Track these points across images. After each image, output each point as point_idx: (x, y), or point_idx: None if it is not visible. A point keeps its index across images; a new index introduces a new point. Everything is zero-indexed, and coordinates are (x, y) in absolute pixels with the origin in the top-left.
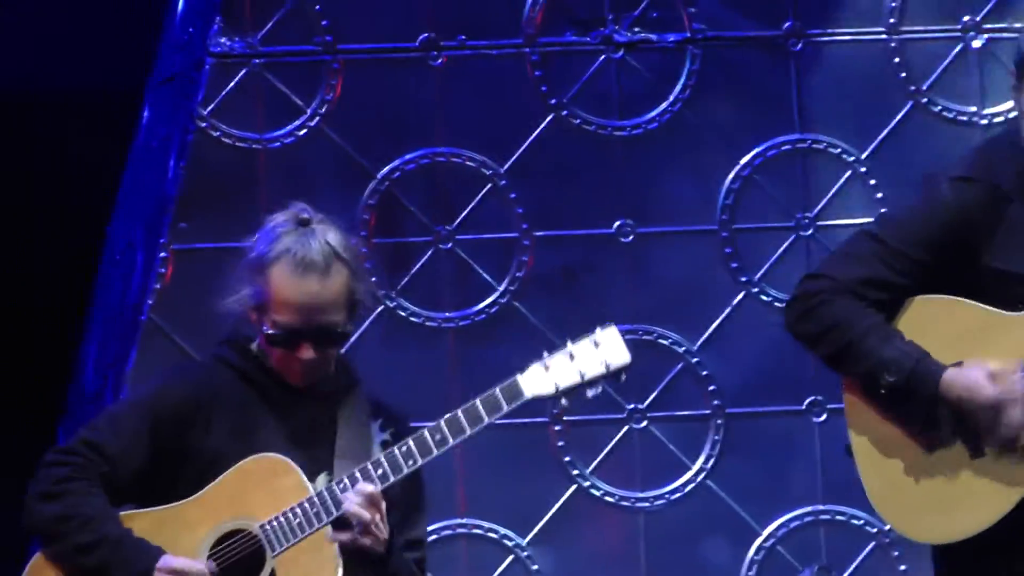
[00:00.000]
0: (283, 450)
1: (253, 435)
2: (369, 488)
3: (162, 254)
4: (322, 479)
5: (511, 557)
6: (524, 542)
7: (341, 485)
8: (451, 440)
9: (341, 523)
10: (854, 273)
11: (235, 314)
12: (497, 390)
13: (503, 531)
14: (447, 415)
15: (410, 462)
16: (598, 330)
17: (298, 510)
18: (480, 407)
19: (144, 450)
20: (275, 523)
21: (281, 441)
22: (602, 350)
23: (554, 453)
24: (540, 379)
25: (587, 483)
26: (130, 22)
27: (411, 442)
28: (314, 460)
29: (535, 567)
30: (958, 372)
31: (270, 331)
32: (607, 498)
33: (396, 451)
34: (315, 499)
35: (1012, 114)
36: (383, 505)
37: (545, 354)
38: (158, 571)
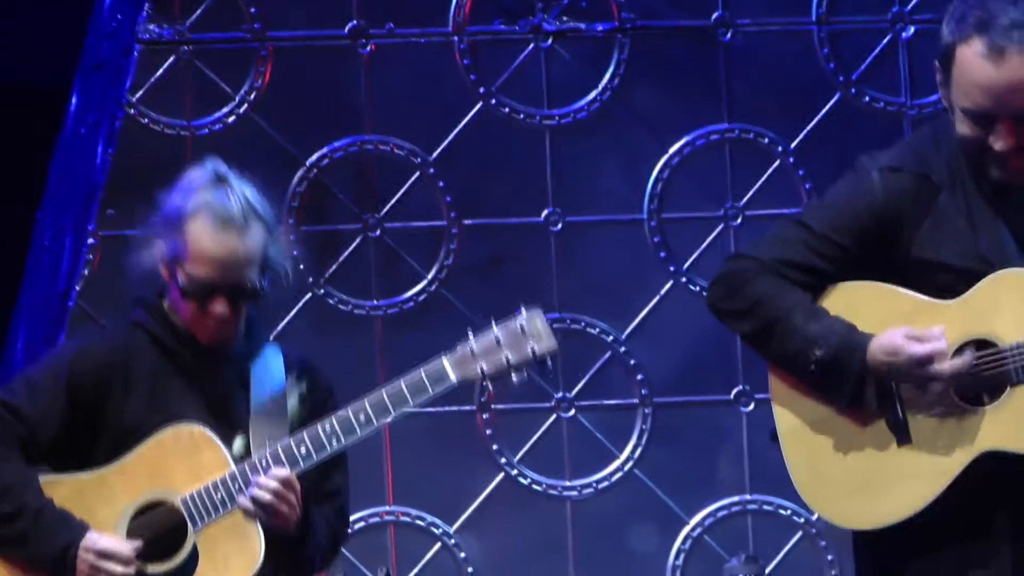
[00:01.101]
0: (200, 416)
1: (169, 401)
2: (281, 474)
3: (90, 240)
4: (239, 442)
5: (438, 545)
6: (452, 530)
7: (263, 461)
8: (376, 422)
9: None
10: (780, 254)
11: (146, 269)
12: (422, 372)
13: (431, 519)
14: (371, 395)
15: (334, 441)
16: (524, 314)
17: (219, 485)
18: (405, 389)
19: (61, 414)
20: (197, 497)
21: (198, 407)
22: (528, 334)
23: (482, 441)
24: (466, 363)
25: (515, 471)
26: (58, 9)
27: (334, 420)
28: (229, 424)
29: (462, 555)
30: (881, 336)
31: (184, 284)
32: (535, 486)
33: (319, 429)
34: (236, 475)
35: (941, 106)
36: (297, 487)
37: (470, 335)
38: (83, 550)
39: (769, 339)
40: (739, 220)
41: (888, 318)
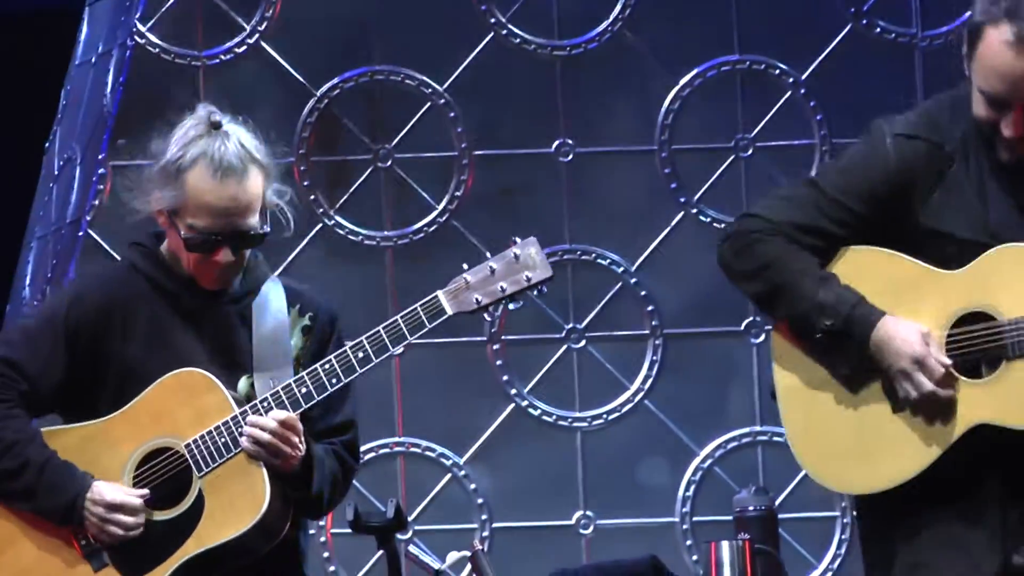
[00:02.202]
0: (201, 359)
1: (171, 345)
2: (280, 415)
3: (100, 170)
4: (243, 383)
5: (448, 476)
6: (461, 461)
7: (265, 404)
8: (374, 358)
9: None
10: (790, 216)
11: (143, 215)
12: (418, 307)
13: (440, 450)
14: (369, 332)
15: (333, 380)
16: (518, 243)
17: (223, 429)
18: (402, 324)
19: (62, 363)
20: (200, 442)
21: (198, 349)
22: (523, 263)
23: (492, 372)
24: (461, 295)
25: (525, 403)
26: None
27: (334, 359)
28: (233, 365)
29: (472, 486)
30: (895, 321)
31: (187, 235)
32: (545, 418)
33: (319, 369)
34: (239, 418)
35: (950, 38)
36: (299, 427)
37: (465, 268)
38: (90, 502)
39: (777, 302)
40: (750, 151)
41: (891, 284)
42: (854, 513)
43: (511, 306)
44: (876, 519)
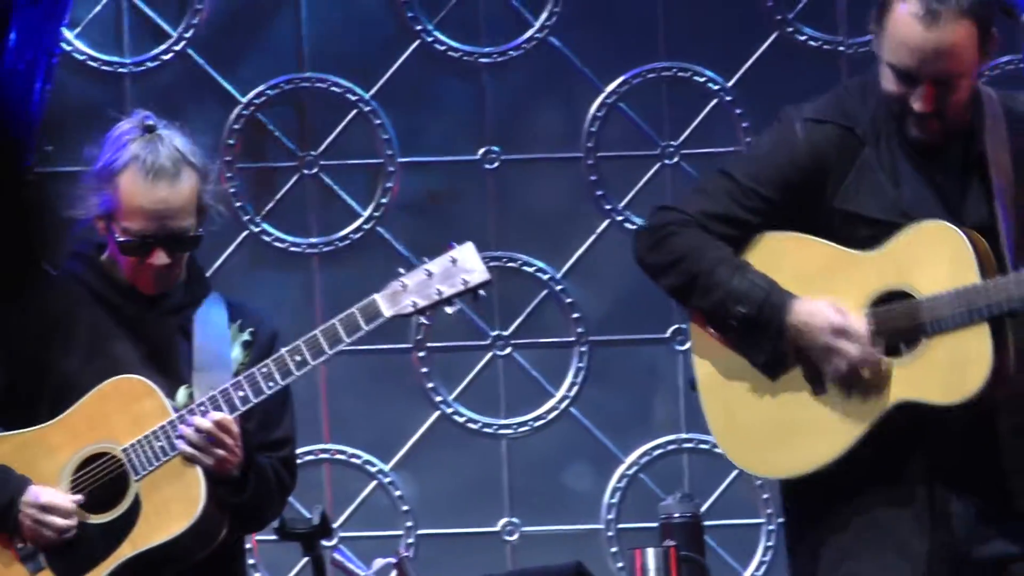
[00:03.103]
0: (140, 368)
1: (110, 354)
2: (215, 416)
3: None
4: (182, 393)
5: (374, 483)
6: (387, 468)
7: (202, 408)
8: (311, 361)
9: None
10: (704, 207)
11: (82, 223)
12: (355, 310)
13: (366, 457)
14: (306, 336)
15: (270, 383)
16: (455, 247)
17: (160, 433)
18: (339, 327)
19: (1, 370)
20: (137, 447)
21: (138, 360)
22: (460, 267)
23: (417, 379)
24: (398, 298)
25: (450, 410)
26: None
27: (271, 363)
28: (173, 375)
29: (398, 493)
30: (808, 303)
31: (121, 239)
32: (470, 425)
33: (256, 372)
34: (176, 422)
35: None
36: (235, 429)
37: (402, 272)
38: (24, 504)
39: (692, 293)
40: (676, 159)
41: (808, 268)
42: (782, 516)
43: (448, 310)
44: (802, 510)
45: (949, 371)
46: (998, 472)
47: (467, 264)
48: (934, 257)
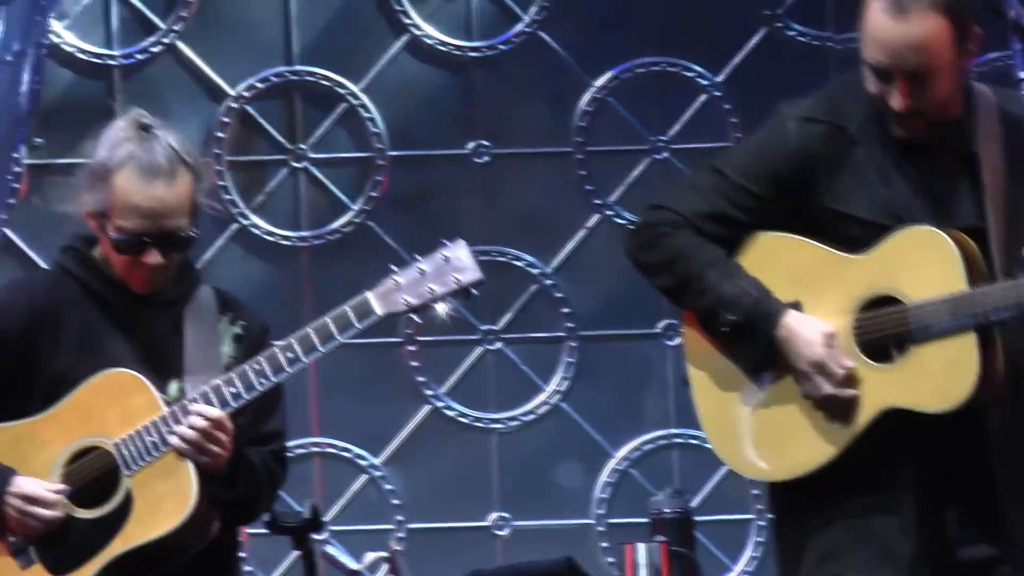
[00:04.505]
0: (131, 364)
1: (101, 350)
2: (208, 412)
3: (16, 169)
4: (174, 387)
5: (364, 477)
6: (378, 462)
7: (193, 403)
8: (303, 358)
9: None
10: (696, 206)
11: (74, 219)
12: (347, 308)
13: (356, 450)
14: (298, 332)
15: (262, 380)
16: (448, 246)
17: (152, 428)
18: (331, 325)
19: None
20: (129, 441)
21: (129, 354)
22: (452, 265)
23: (408, 373)
24: (390, 296)
25: (441, 404)
26: None
27: (263, 360)
28: (165, 370)
29: (388, 487)
30: (799, 319)
31: (115, 236)
32: (461, 419)
33: (248, 368)
34: (167, 417)
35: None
36: (229, 426)
37: (395, 270)
38: (9, 494)
39: (684, 296)
40: (666, 153)
41: (799, 270)
42: (769, 515)
43: (440, 309)
44: (790, 511)
45: (937, 378)
46: (985, 475)
47: (459, 262)
48: (922, 263)
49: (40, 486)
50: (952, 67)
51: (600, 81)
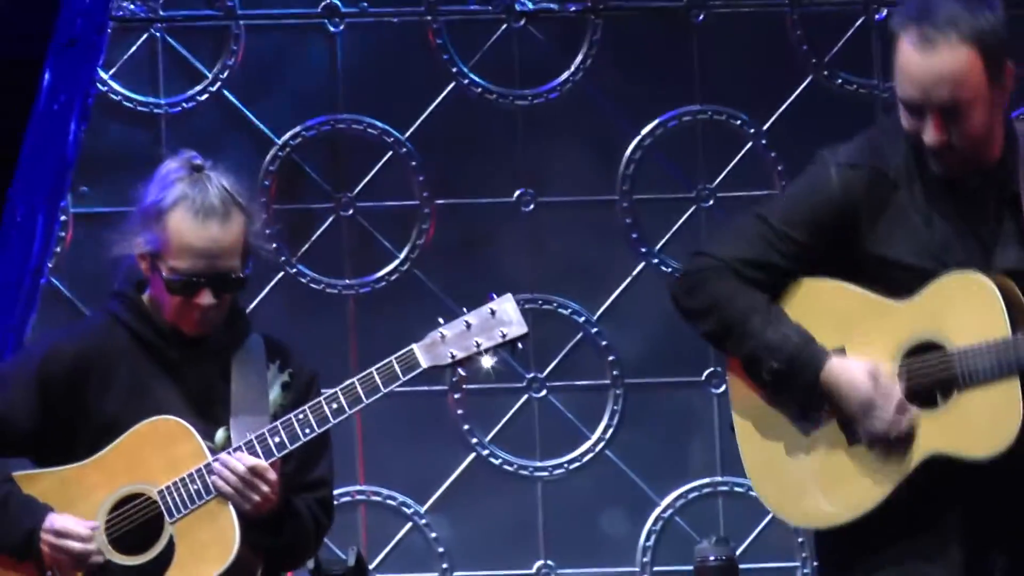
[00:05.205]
0: (179, 411)
1: (148, 396)
2: (249, 460)
3: (62, 217)
4: (220, 435)
5: (409, 524)
6: (423, 510)
7: (238, 452)
8: (348, 409)
9: None
10: (738, 252)
11: (125, 263)
12: (393, 360)
13: (401, 498)
14: (344, 384)
15: (307, 430)
16: (495, 299)
17: (196, 476)
18: (376, 377)
19: (34, 410)
20: (173, 489)
21: (177, 401)
22: (498, 319)
23: (453, 421)
24: (436, 349)
25: (486, 451)
26: None
27: (308, 410)
28: (211, 418)
29: (433, 535)
30: (841, 363)
31: (168, 277)
32: (506, 467)
33: (293, 419)
34: (212, 465)
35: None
36: (271, 476)
37: (441, 323)
38: (44, 531)
39: (728, 341)
40: (711, 201)
41: (843, 317)
42: (815, 562)
43: (485, 363)
44: (836, 556)
45: (981, 424)
46: None
47: (506, 316)
48: (965, 308)
49: (72, 521)
50: (984, 101)
51: (646, 129)
